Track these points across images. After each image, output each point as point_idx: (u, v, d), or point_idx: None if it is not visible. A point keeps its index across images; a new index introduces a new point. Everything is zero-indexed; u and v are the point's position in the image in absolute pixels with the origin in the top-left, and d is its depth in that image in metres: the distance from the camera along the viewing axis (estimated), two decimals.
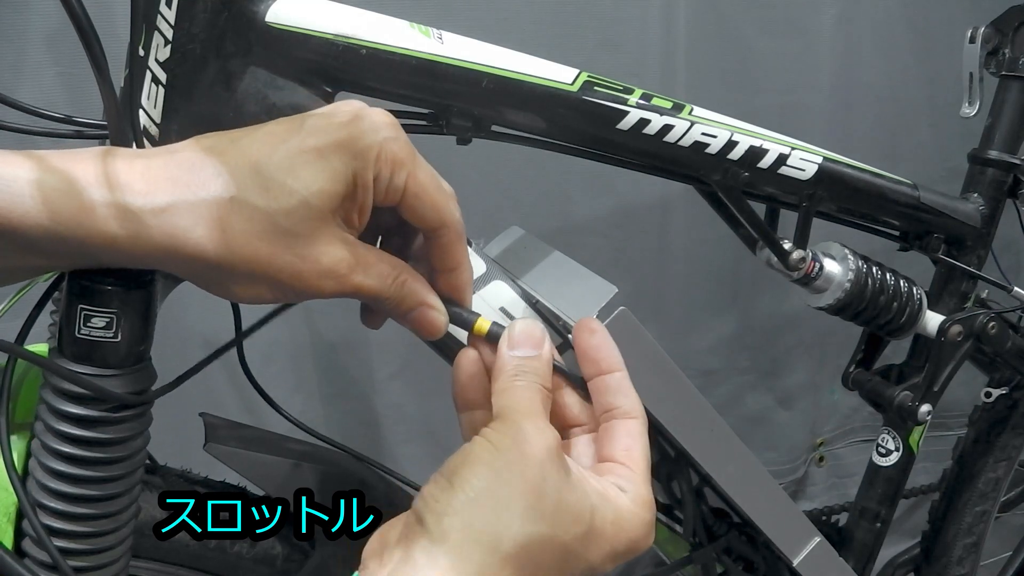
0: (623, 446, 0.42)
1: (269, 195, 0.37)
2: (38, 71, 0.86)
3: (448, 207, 0.42)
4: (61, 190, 0.36)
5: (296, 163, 0.38)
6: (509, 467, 0.37)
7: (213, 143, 0.39)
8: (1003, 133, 0.80)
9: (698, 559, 0.67)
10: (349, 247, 0.40)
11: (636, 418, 0.43)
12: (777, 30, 1.18)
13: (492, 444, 0.38)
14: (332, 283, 0.39)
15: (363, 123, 0.39)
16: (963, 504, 0.90)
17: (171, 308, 0.48)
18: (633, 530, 0.40)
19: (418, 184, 0.40)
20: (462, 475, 0.37)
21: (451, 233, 0.42)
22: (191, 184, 0.37)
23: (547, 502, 0.37)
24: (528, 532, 0.36)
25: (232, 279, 0.39)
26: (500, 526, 0.35)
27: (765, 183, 0.64)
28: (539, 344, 0.42)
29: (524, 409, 0.39)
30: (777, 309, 1.31)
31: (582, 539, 0.38)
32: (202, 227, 0.37)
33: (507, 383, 0.41)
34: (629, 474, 0.41)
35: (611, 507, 0.39)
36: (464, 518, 0.35)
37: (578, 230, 1.15)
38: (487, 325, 0.43)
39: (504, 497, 0.36)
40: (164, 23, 0.43)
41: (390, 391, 1.12)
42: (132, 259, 0.38)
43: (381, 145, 0.39)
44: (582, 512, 0.38)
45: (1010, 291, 0.78)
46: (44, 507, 0.42)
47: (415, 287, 0.42)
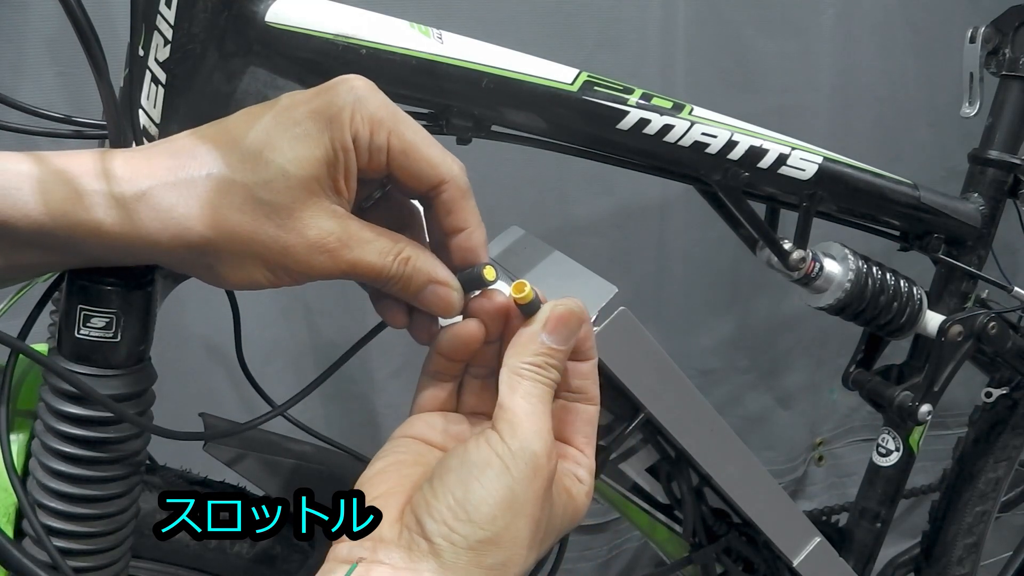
0: (584, 432, 0.43)
1: (247, 168, 0.37)
2: (38, 71, 0.86)
3: (444, 161, 0.39)
4: (49, 182, 0.36)
5: (272, 134, 0.37)
6: (519, 499, 0.36)
7: (202, 131, 0.39)
8: (1003, 133, 0.80)
9: (698, 559, 0.67)
10: (338, 220, 0.38)
11: (596, 405, 0.43)
12: (776, 30, 1.18)
13: (505, 467, 0.36)
14: (324, 259, 0.38)
15: (337, 87, 0.38)
16: (963, 504, 0.90)
17: (171, 308, 0.48)
18: (578, 517, 0.42)
19: (403, 141, 0.38)
20: (480, 509, 0.35)
21: (453, 188, 0.40)
22: (171, 168, 0.37)
23: (540, 529, 0.38)
24: (528, 563, 0.37)
25: (219, 260, 0.38)
26: (511, 563, 0.36)
27: (765, 183, 0.64)
28: (573, 336, 0.40)
29: (539, 422, 0.38)
30: (777, 309, 1.31)
31: (544, 540, 0.39)
32: (182, 207, 0.37)
33: (528, 372, 0.39)
34: (587, 462, 0.42)
35: (573, 505, 0.41)
36: (478, 554, 0.35)
37: (578, 230, 1.15)
38: (530, 292, 0.39)
39: (515, 533, 0.36)
40: (164, 23, 0.43)
41: (390, 391, 1.12)
42: (121, 250, 0.38)
43: (354, 105, 0.38)
44: (556, 527, 0.40)
45: (1010, 291, 0.78)
46: (44, 507, 0.42)
47: (421, 263, 0.40)
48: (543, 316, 0.40)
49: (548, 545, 0.40)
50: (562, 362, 0.40)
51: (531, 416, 0.37)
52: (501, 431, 0.37)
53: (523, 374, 0.39)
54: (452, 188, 0.40)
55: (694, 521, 0.64)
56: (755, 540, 0.67)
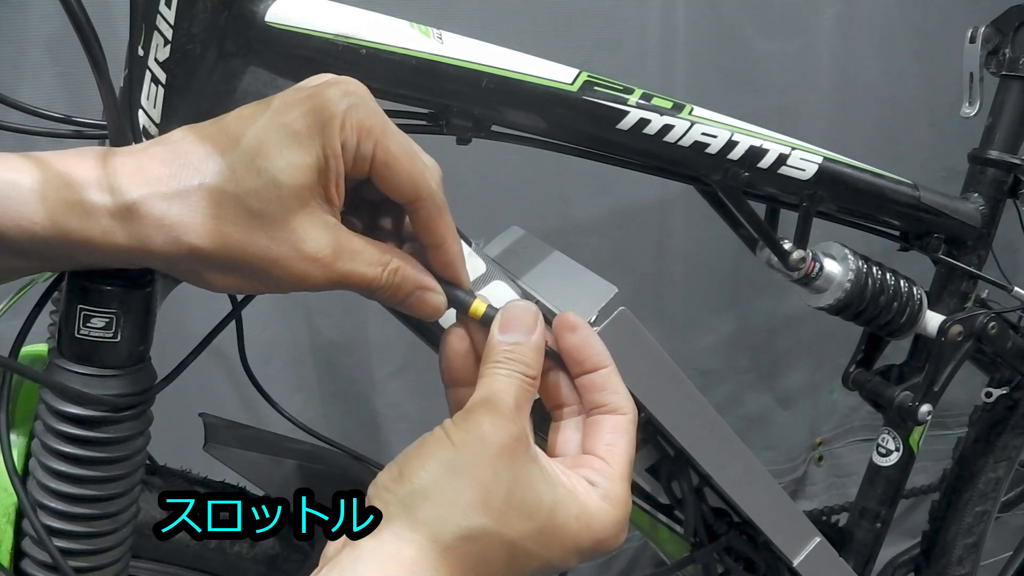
0: (606, 441, 0.42)
1: (238, 177, 0.37)
2: (38, 71, 0.86)
3: (423, 178, 0.40)
4: (40, 191, 0.36)
5: (263, 142, 0.37)
6: (459, 462, 0.37)
7: (198, 130, 0.39)
8: (1003, 133, 0.80)
9: (699, 559, 0.67)
10: (331, 231, 0.38)
11: (625, 414, 0.42)
12: (776, 30, 1.18)
13: (447, 437, 0.38)
14: (318, 270, 0.38)
15: (328, 91, 0.38)
16: (963, 504, 0.90)
17: (171, 308, 0.48)
18: (601, 528, 0.39)
19: (388, 153, 0.38)
20: (412, 466, 0.37)
21: (428, 206, 0.40)
22: (163, 177, 0.37)
23: (494, 498, 0.37)
24: (469, 526, 0.36)
25: (208, 268, 0.38)
26: (441, 518, 0.36)
27: (765, 183, 0.64)
28: (530, 330, 0.41)
29: (494, 402, 0.39)
30: (777, 309, 1.31)
31: (535, 535, 0.38)
32: (173, 217, 0.37)
33: (489, 370, 0.40)
34: (606, 469, 0.41)
35: (577, 503, 0.39)
36: (408, 508, 0.36)
37: (578, 230, 1.15)
38: (482, 308, 0.42)
39: (449, 491, 0.36)
40: (164, 23, 0.43)
41: (390, 390, 1.12)
42: (112, 256, 0.38)
43: (346, 113, 0.37)
44: (537, 508, 0.38)
45: (1010, 291, 0.78)
46: (44, 507, 0.42)
47: (409, 273, 0.41)
48: (496, 320, 0.42)
49: (528, 529, 0.38)
50: (529, 353, 0.41)
51: (486, 400, 0.39)
52: (455, 416, 0.39)
53: (485, 372, 0.41)
54: (428, 205, 0.40)
55: (695, 521, 0.64)
56: (755, 540, 0.67)
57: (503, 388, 0.40)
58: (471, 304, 0.43)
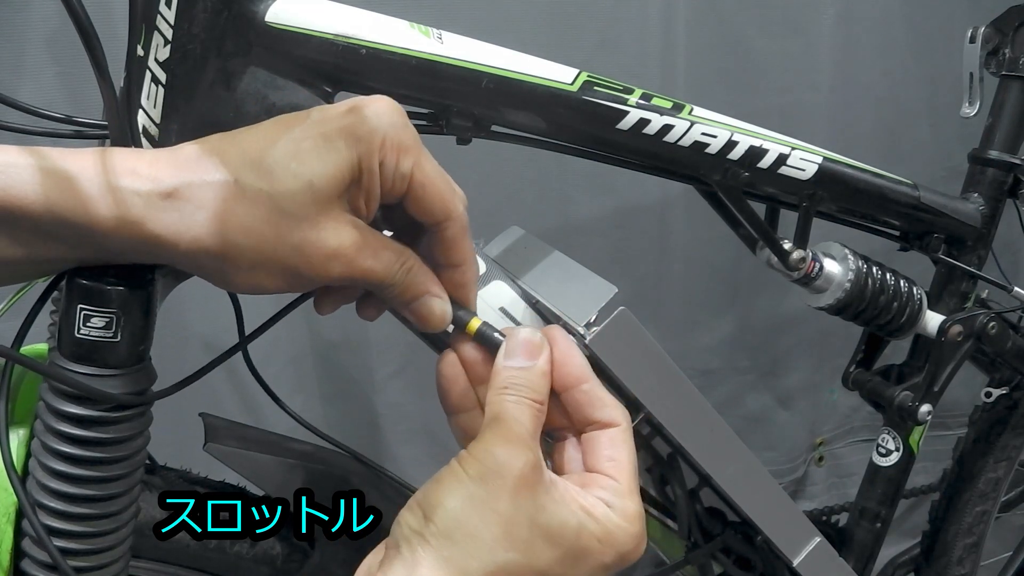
0: (607, 456, 0.42)
1: (273, 179, 0.38)
2: (38, 71, 0.86)
3: (454, 200, 0.41)
4: (62, 176, 0.36)
5: (301, 148, 0.38)
6: (478, 496, 0.37)
7: (215, 142, 0.39)
8: (1003, 133, 0.80)
9: (694, 560, 0.67)
10: (358, 229, 0.39)
11: (618, 425, 0.43)
12: (776, 30, 1.18)
13: (463, 471, 0.38)
14: (340, 266, 0.39)
15: (368, 109, 0.39)
16: (963, 504, 0.90)
17: (171, 308, 0.48)
18: (622, 545, 0.40)
19: (424, 174, 0.40)
20: (431, 504, 0.38)
21: (456, 227, 0.42)
22: (196, 170, 0.38)
23: (519, 529, 0.37)
24: (497, 561, 0.37)
25: (234, 267, 0.39)
26: (468, 556, 0.36)
27: (765, 183, 0.64)
28: (536, 354, 0.42)
29: (505, 429, 0.39)
30: (777, 309, 1.31)
31: (561, 560, 0.38)
32: (205, 212, 0.37)
33: (496, 396, 0.41)
34: (615, 487, 0.41)
35: (598, 525, 0.40)
36: (435, 548, 0.37)
37: (578, 230, 1.15)
38: (477, 325, 0.43)
39: (471, 528, 0.37)
40: (164, 23, 0.43)
41: (390, 391, 1.12)
42: (137, 247, 0.38)
43: (386, 131, 0.39)
44: (562, 534, 0.38)
45: (1010, 291, 0.78)
46: (44, 507, 0.42)
47: (420, 275, 0.42)
48: (503, 346, 0.42)
49: (556, 556, 0.38)
50: (536, 378, 0.41)
51: (494, 429, 0.39)
52: (468, 447, 0.39)
53: (492, 400, 0.41)
54: (456, 226, 0.42)
55: (689, 521, 0.64)
56: (752, 539, 0.67)
57: (513, 414, 0.40)
58: (468, 321, 0.43)
